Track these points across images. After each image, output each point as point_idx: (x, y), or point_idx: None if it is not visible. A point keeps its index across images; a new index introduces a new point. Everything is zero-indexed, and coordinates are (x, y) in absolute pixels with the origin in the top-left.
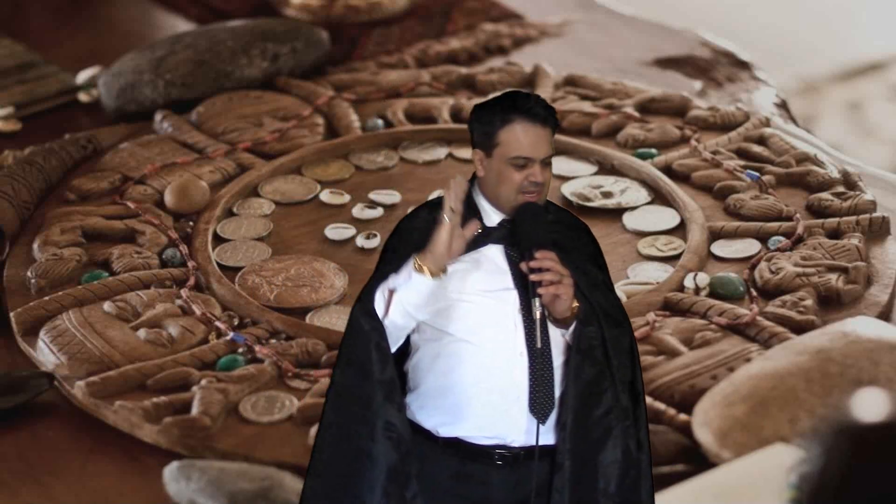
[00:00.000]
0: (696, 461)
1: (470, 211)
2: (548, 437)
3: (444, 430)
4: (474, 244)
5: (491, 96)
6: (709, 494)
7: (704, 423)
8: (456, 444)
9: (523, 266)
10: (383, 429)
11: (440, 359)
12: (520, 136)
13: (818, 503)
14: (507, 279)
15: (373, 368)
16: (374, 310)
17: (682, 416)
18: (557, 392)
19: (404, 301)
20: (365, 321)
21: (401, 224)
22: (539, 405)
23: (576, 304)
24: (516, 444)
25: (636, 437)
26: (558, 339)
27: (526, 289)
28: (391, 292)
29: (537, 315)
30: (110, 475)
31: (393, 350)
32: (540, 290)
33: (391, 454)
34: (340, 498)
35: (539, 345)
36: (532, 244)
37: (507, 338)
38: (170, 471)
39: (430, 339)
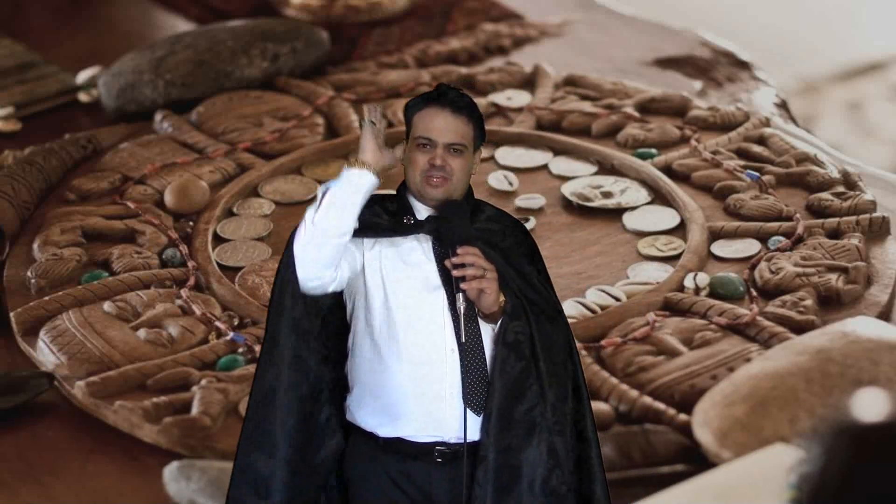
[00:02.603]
0: (696, 461)
1: (401, 207)
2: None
3: (384, 431)
4: (402, 231)
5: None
6: (709, 494)
7: (704, 423)
8: (396, 444)
9: (447, 262)
10: (290, 362)
11: (374, 359)
12: (426, 119)
13: (818, 503)
14: (435, 276)
15: (285, 303)
16: (293, 245)
17: (682, 416)
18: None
19: (337, 197)
20: (284, 258)
21: None
22: (472, 396)
23: (503, 298)
24: (454, 441)
25: (573, 433)
26: (490, 334)
27: (448, 283)
28: (325, 192)
29: (461, 310)
30: (110, 475)
31: (324, 274)
32: (463, 285)
33: (300, 386)
34: (264, 431)
35: (464, 339)
36: (454, 241)
37: (436, 335)
38: (170, 471)
39: (364, 339)
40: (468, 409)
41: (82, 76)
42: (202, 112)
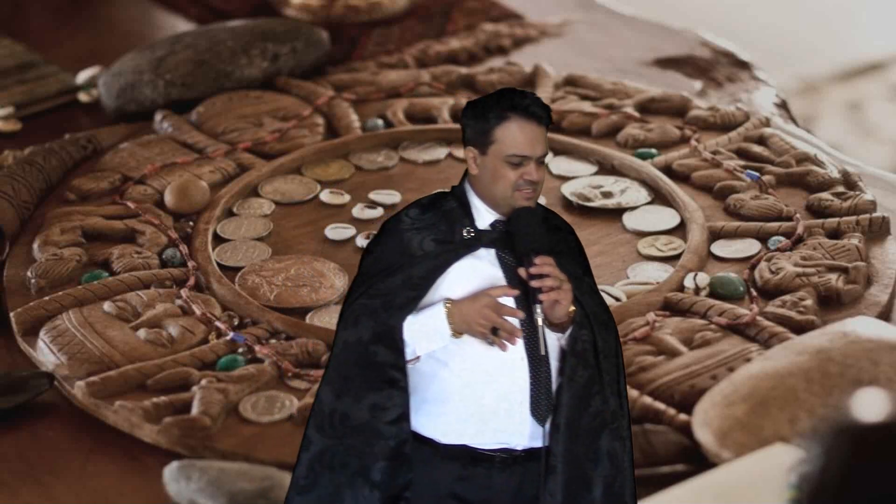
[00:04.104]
0: (696, 461)
1: (462, 210)
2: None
3: (447, 438)
4: (467, 248)
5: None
6: (709, 494)
7: (704, 423)
8: (458, 450)
9: (522, 272)
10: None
11: (440, 365)
12: (516, 134)
13: (818, 503)
14: (503, 284)
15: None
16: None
17: (682, 416)
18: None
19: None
20: (379, 350)
21: (388, 226)
22: (540, 409)
23: (572, 308)
24: (520, 448)
25: (622, 439)
26: (553, 342)
27: (524, 293)
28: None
29: (540, 321)
30: (110, 475)
31: None
32: (542, 297)
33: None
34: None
35: (544, 352)
36: (531, 250)
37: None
38: (170, 471)
39: None
40: (535, 419)
41: (82, 76)
42: (202, 112)
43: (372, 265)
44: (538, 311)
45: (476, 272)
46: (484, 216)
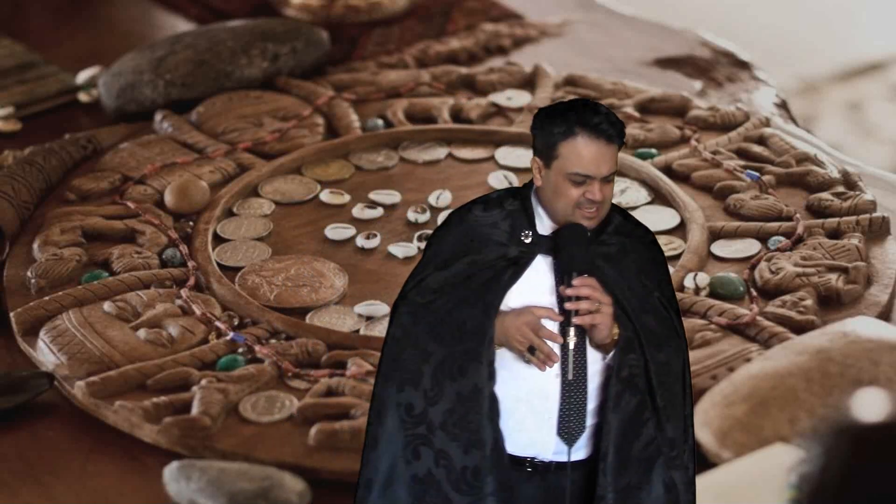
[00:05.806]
0: (697, 461)
1: (525, 214)
2: (578, 453)
3: None
4: (526, 255)
5: (557, 101)
6: (709, 494)
7: (704, 423)
8: None
9: (561, 290)
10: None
11: None
12: (581, 152)
13: (818, 503)
14: (552, 295)
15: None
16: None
17: None
18: (590, 417)
19: None
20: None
21: (455, 217)
22: (567, 429)
23: (617, 329)
24: (549, 460)
25: (684, 468)
26: (598, 362)
27: (565, 314)
28: None
29: (571, 345)
30: (110, 475)
31: None
32: (575, 320)
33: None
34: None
35: (570, 377)
36: (572, 268)
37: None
38: (170, 471)
39: None
40: (560, 439)
41: (82, 76)
42: (202, 112)
43: (436, 254)
44: (571, 333)
45: (526, 279)
46: (546, 223)
